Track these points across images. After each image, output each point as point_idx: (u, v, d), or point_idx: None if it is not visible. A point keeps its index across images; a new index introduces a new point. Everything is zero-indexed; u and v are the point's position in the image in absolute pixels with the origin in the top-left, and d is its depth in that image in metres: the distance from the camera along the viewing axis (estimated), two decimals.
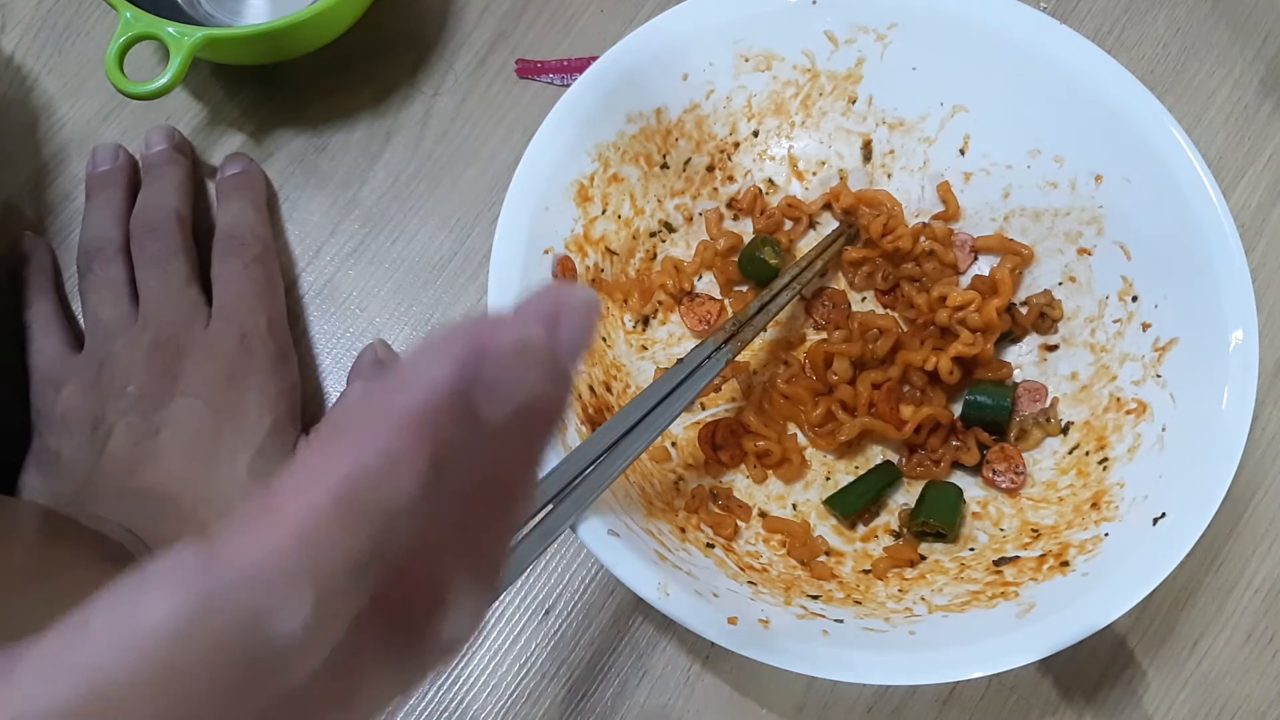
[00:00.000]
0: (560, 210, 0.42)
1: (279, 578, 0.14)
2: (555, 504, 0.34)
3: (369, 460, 0.14)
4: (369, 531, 0.14)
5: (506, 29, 0.51)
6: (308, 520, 0.14)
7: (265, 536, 0.14)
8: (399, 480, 0.14)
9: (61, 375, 0.42)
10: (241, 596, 0.14)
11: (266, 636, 0.14)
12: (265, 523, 0.14)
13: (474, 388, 0.15)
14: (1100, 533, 0.38)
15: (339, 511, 0.14)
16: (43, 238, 0.48)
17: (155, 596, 0.13)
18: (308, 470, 0.14)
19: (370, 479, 0.14)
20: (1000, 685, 0.41)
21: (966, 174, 0.46)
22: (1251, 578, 0.42)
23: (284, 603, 0.14)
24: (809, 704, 0.41)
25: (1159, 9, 0.51)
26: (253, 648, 0.14)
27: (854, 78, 0.46)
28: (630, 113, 0.44)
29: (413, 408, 0.14)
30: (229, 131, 0.49)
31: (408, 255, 0.48)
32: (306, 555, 0.14)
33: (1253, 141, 0.49)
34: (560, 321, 0.17)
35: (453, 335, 0.15)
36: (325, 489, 0.14)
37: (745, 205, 0.47)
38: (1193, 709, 0.41)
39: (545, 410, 0.17)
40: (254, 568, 0.14)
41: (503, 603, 0.42)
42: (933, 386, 0.43)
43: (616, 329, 0.44)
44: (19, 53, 0.51)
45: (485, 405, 0.15)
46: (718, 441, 0.43)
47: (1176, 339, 0.40)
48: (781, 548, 0.41)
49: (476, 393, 0.15)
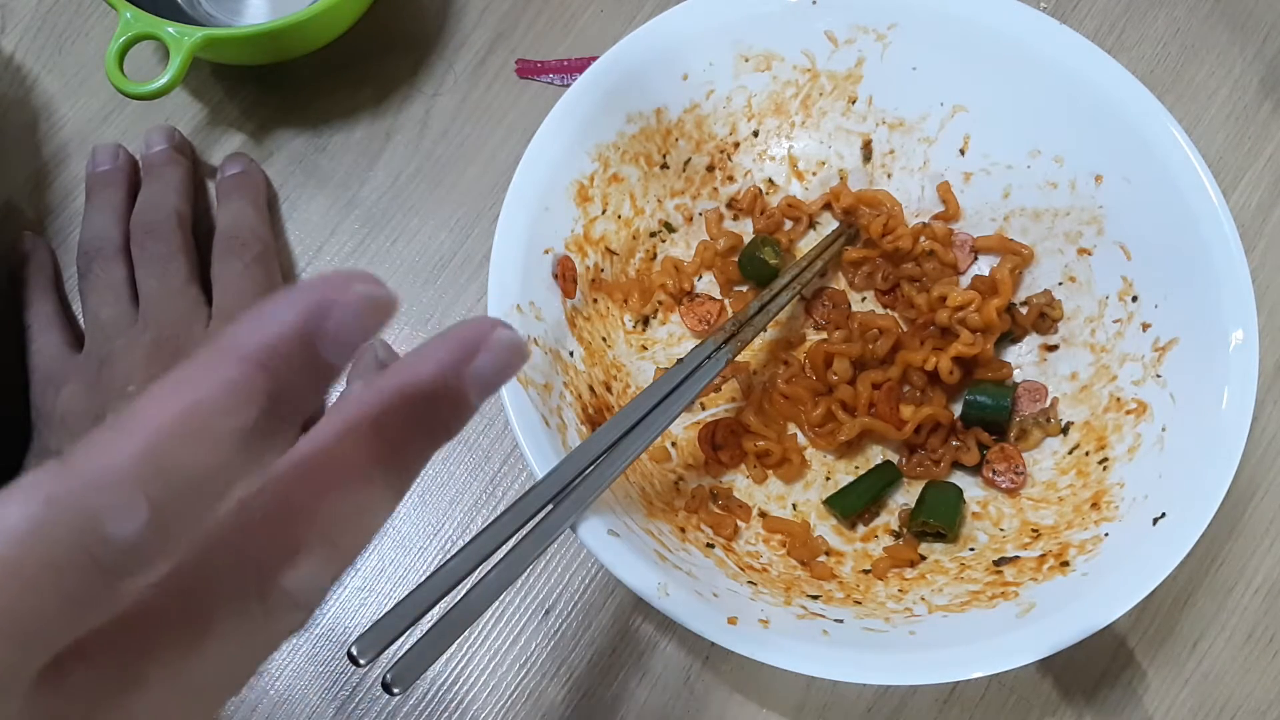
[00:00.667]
0: (560, 210, 0.42)
1: (119, 483, 0.15)
2: (555, 504, 0.34)
3: (212, 386, 0.16)
4: (208, 451, 0.16)
5: (506, 29, 0.51)
6: (151, 435, 0.15)
7: (112, 448, 0.15)
8: (238, 407, 0.16)
9: (62, 375, 0.42)
10: (83, 499, 0.15)
11: (104, 535, 0.15)
12: (114, 437, 0.15)
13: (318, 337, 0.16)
14: (1100, 533, 0.38)
15: (181, 429, 0.15)
16: (43, 238, 0.48)
17: (11, 502, 0.15)
18: (158, 395, 0.16)
19: (212, 403, 0.16)
20: (1000, 685, 0.41)
21: (966, 174, 0.46)
22: (1251, 578, 0.42)
23: (122, 505, 0.15)
24: (809, 704, 0.41)
25: (1159, 9, 0.51)
26: (90, 546, 0.15)
27: (854, 78, 0.46)
28: (630, 113, 0.44)
29: (255, 343, 0.16)
30: (229, 131, 0.49)
31: (408, 255, 0.48)
32: (147, 464, 0.15)
33: (1253, 141, 0.49)
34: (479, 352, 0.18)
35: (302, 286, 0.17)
36: (171, 410, 0.15)
37: (745, 205, 0.47)
38: (1193, 709, 0.41)
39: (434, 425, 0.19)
40: (98, 474, 0.15)
41: (503, 603, 0.42)
42: (933, 386, 0.43)
43: (616, 329, 0.44)
44: (19, 53, 0.51)
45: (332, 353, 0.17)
46: (718, 441, 0.43)
47: (1176, 339, 0.40)
48: (781, 548, 0.41)
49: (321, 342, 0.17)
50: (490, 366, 0.19)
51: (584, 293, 0.43)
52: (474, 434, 0.45)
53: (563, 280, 0.42)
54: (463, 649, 0.42)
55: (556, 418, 0.38)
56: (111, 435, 0.15)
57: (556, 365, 0.40)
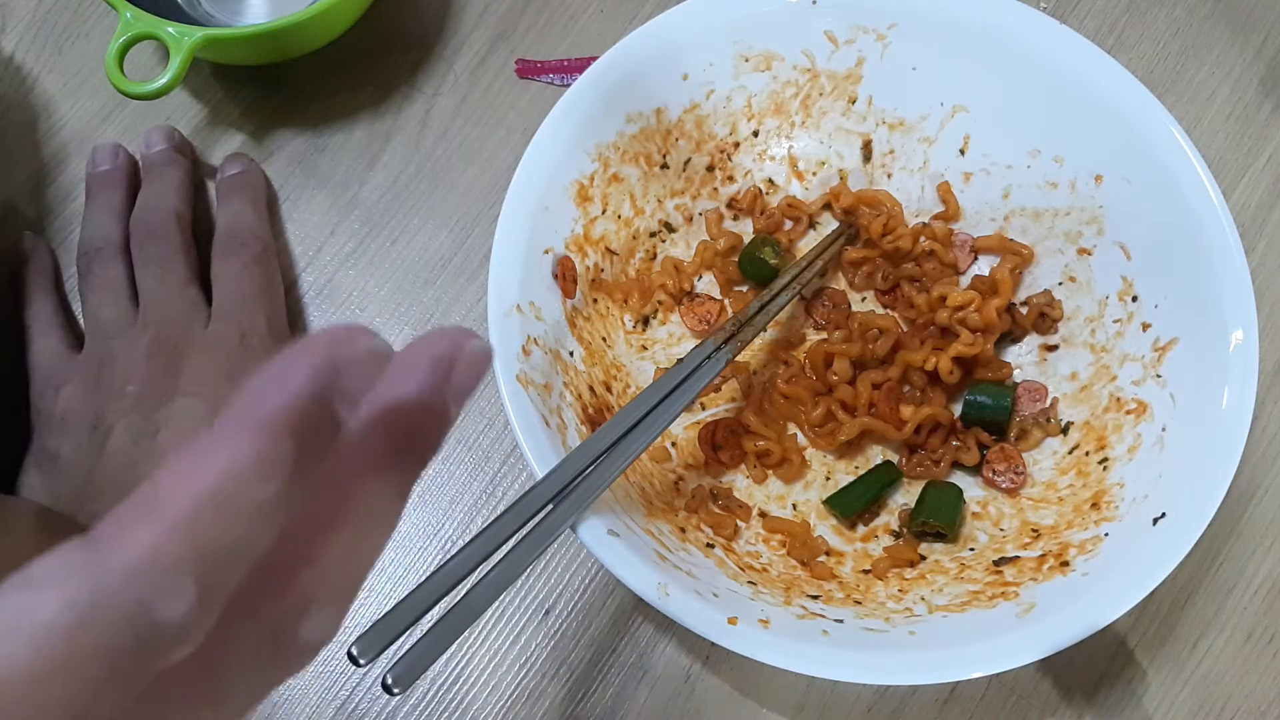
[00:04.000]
0: (560, 210, 0.42)
1: (165, 568, 0.15)
2: (555, 504, 0.34)
3: (240, 457, 0.16)
4: (242, 522, 0.16)
5: (506, 29, 0.51)
6: (187, 514, 0.15)
7: (148, 529, 0.15)
8: (267, 475, 0.16)
9: (61, 375, 0.42)
10: (129, 588, 0.15)
11: (154, 623, 0.15)
12: (147, 516, 0.15)
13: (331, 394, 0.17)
14: (1100, 533, 0.38)
15: (215, 504, 0.15)
16: (43, 238, 0.48)
17: (45, 595, 0.15)
18: (184, 467, 0.16)
19: (242, 474, 0.16)
20: (1000, 685, 0.41)
21: (966, 174, 0.46)
22: (1251, 578, 0.42)
23: (170, 591, 0.15)
24: (809, 704, 0.41)
25: (1159, 9, 0.51)
26: (141, 634, 0.15)
27: (854, 78, 0.46)
28: (630, 113, 0.44)
29: (276, 408, 0.16)
30: (229, 131, 0.49)
31: (408, 255, 0.48)
32: (187, 544, 0.15)
33: (1253, 141, 0.49)
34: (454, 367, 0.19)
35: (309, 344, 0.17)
36: (201, 485, 0.15)
37: (745, 205, 0.47)
38: (1193, 709, 0.41)
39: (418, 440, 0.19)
40: (139, 560, 0.15)
41: (503, 603, 0.42)
42: (933, 386, 0.43)
43: (616, 329, 0.44)
44: (19, 53, 0.51)
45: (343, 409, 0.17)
46: (718, 441, 0.43)
47: (1176, 339, 0.40)
48: (781, 548, 0.41)
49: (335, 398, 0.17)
50: (467, 379, 0.19)
51: (584, 293, 0.43)
52: (474, 434, 0.45)
53: (563, 280, 0.42)
54: (463, 649, 0.42)
55: (556, 418, 0.38)
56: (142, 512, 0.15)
57: (556, 365, 0.40)
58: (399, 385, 0.19)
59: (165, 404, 0.41)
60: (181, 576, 0.15)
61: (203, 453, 0.16)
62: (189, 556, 0.15)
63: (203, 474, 0.15)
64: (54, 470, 0.41)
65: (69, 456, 0.41)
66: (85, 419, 0.41)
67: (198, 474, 0.15)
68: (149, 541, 0.15)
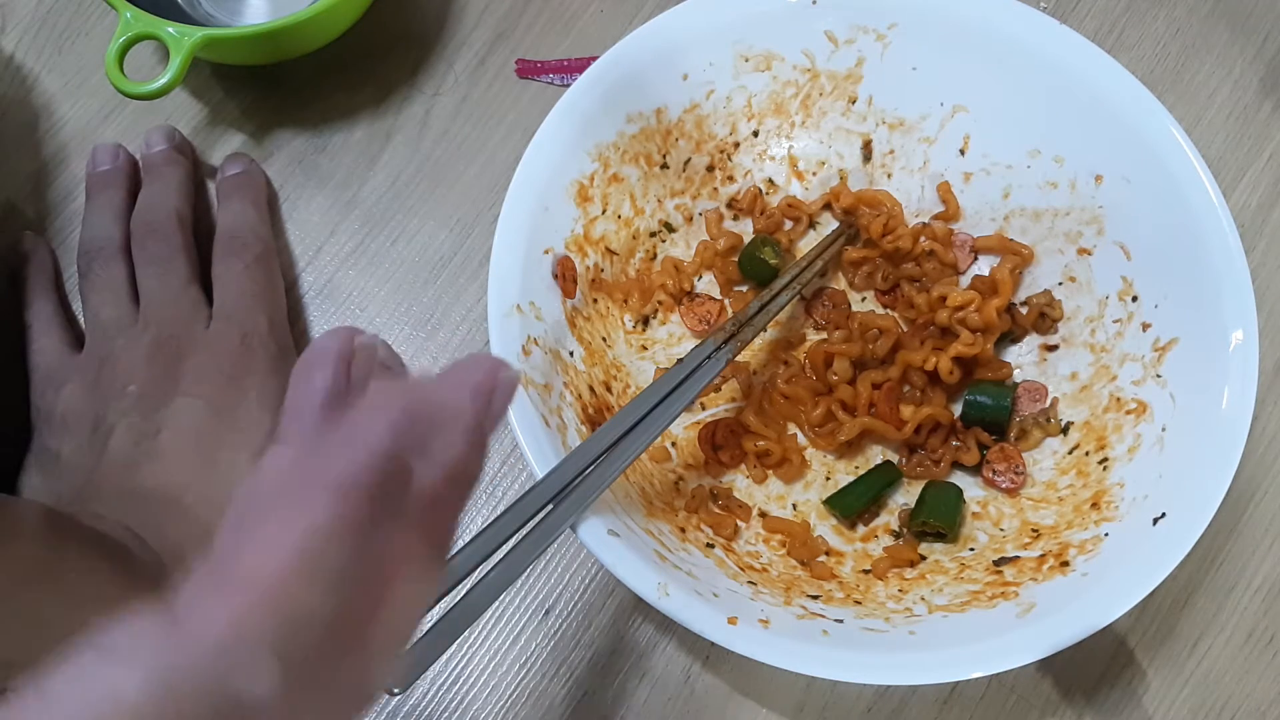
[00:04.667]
0: (560, 210, 0.42)
1: (246, 643, 0.15)
2: (555, 504, 0.34)
3: (320, 522, 0.15)
4: (322, 588, 0.15)
5: (506, 29, 0.51)
6: (268, 584, 0.15)
7: (227, 602, 0.15)
8: (347, 539, 0.16)
9: (62, 375, 0.42)
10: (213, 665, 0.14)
11: (236, 700, 0.14)
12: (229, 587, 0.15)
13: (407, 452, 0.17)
14: (1100, 533, 0.38)
15: (299, 571, 0.15)
16: (43, 238, 0.48)
17: (122, 671, 0.14)
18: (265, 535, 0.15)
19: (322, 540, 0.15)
20: (1000, 685, 0.41)
21: (966, 174, 0.46)
22: (1251, 578, 0.42)
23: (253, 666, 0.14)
24: (809, 704, 0.41)
25: (1159, 9, 0.51)
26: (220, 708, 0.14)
27: (854, 78, 0.46)
28: (630, 113, 0.44)
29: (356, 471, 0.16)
30: (229, 131, 0.49)
31: (408, 255, 0.48)
32: (270, 617, 0.15)
33: (1253, 141, 0.49)
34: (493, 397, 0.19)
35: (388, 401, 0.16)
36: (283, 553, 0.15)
37: (745, 205, 0.47)
38: (1193, 709, 0.41)
39: (465, 474, 0.19)
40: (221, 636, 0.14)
41: (503, 603, 0.42)
42: (933, 386, 0.43)
43: (616, 329, 0.44)
44: (19, 53, 0.51)
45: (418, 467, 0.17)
46: (718, 441, 0.43)
47: (1176, 339, 0.40)
48: (781, 548, 0.41)
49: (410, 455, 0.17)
50: (501, 408, 0.20)
51: (584, 293, 0.43)
52: None
53: (563, 280, 0.42)
54: (463, 649, 0.42)
55: (556, 418, 0.38)
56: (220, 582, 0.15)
57: (556, 365, 0.40)
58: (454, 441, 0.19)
59: (166, 404, 0.41)
60: (264, 650, 0.15)
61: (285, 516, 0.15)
62: (270, 628, 0.15)
63: (282, 543, 0.15)
64: (55, 470, 0.41)
65: (70, 456, 0.41)
66: (86, 419, 0.41)
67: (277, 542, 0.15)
68: (230, 615, 0.15)
